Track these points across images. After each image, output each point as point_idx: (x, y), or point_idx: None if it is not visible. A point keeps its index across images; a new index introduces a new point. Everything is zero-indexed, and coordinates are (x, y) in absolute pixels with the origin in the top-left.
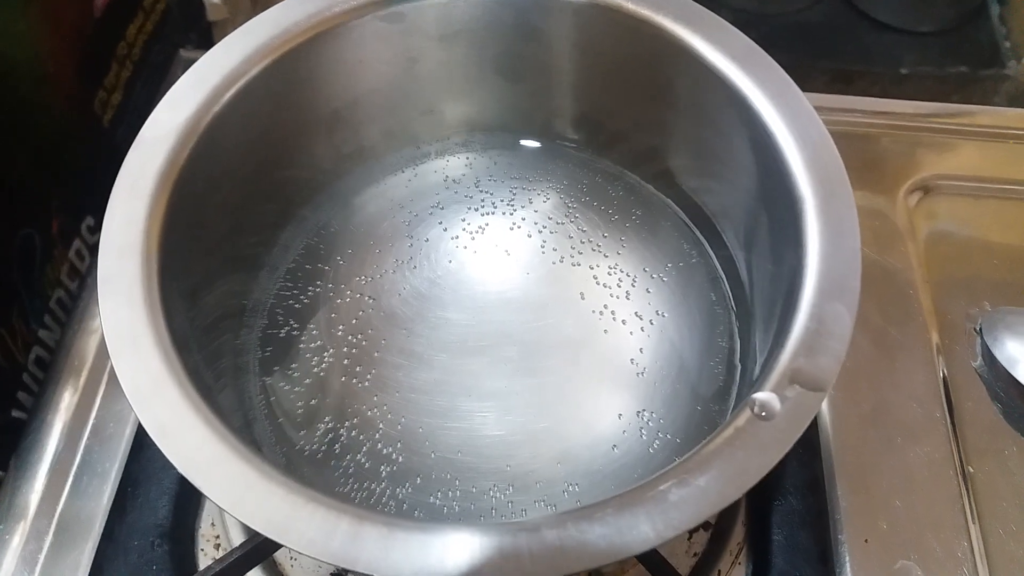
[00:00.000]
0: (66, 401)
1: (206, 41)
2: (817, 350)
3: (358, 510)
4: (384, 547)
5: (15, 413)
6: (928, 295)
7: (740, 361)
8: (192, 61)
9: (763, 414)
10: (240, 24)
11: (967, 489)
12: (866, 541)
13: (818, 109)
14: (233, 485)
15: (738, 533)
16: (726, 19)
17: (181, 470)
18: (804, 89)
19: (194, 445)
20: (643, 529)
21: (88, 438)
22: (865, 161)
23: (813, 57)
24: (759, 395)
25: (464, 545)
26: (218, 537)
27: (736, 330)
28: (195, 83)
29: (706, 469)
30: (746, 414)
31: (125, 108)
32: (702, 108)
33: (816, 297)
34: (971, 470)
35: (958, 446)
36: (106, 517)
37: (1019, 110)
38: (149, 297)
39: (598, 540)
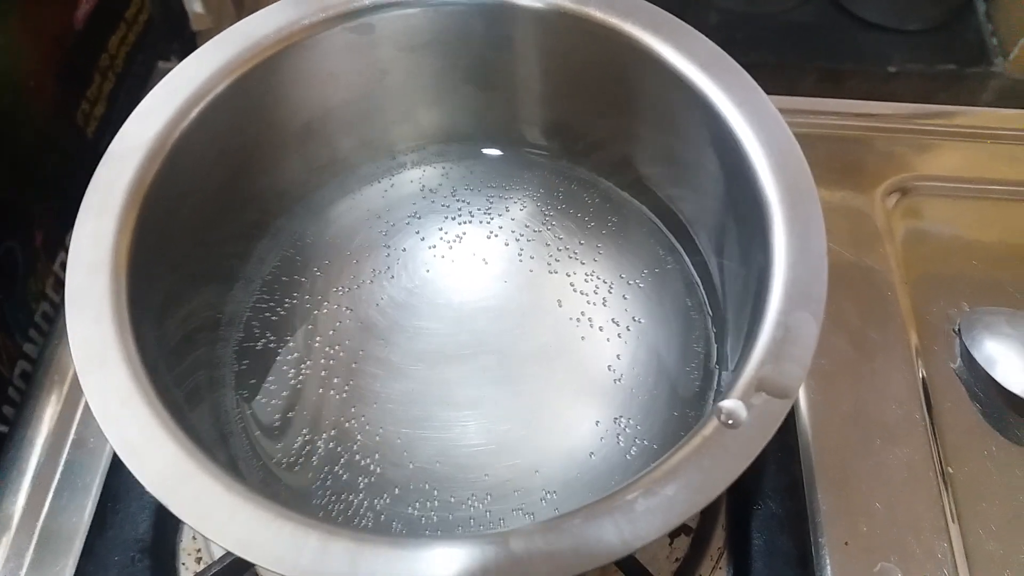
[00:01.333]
0: (48, 415)
1: (189, 52)
2: (783, 358)
3: (326, 525)
4: (352, 562)
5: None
6: (907, 296)
7: (716, 366)
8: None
9: (730, 422)
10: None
11: (947, 490)
12: (846, 543)
13: (798, 111)
14: (201, 502)
15: (718, 537)
16: (713, 20)
17: (149, 488)
18: (793, 90)
19: (162, 463)
20: (610, 540)
21: (69, 452)
22: (844, 163)
23: (801, 57)
24: (726, 403)
25: (432, 559)
26: (199, 551)
27: (712, 335)
28: (164, 97)
29: (673, 478)
30: (713, 423)
31: (108, 119)
32: (670, 115)
33: (782, 304)
34: (951, 471)
35: (937, 447)
36: (87, 532)
37: (996, 110)
38: (118, 314)
39: (566, 551)
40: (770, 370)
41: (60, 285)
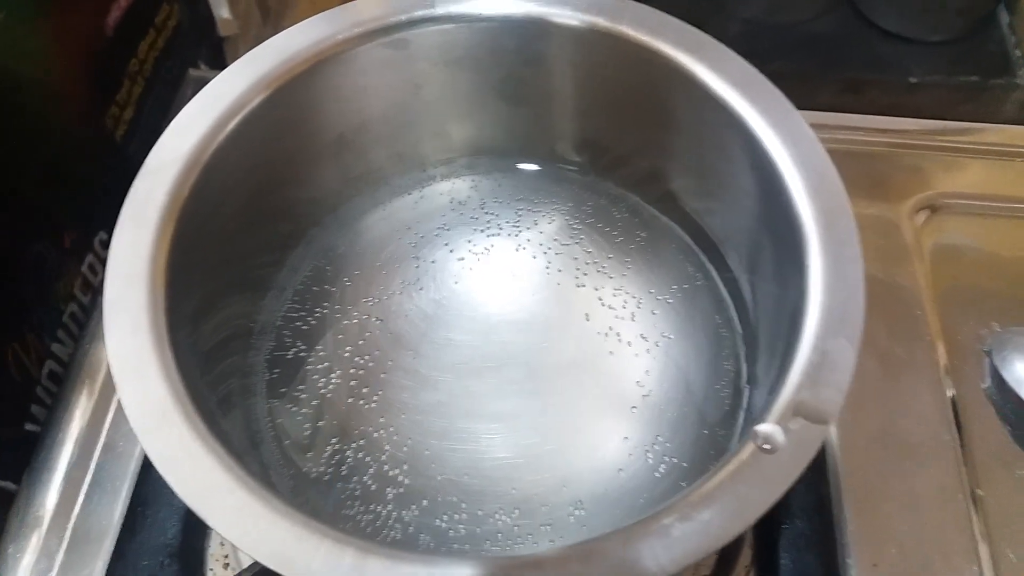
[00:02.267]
0: (79, 416)
1: (217, 56)
2: (820, 382)
3: (362, 542)
4: None
5: (29, 427)
6: (936, 315)
7: (746, 384)
8: (202, 80)
9: (767, 447)
10: (251, 39)
11: (976, 512)
12: (874, 565)
13: (824, 127)
14: (238, 516)
15: (745, 556)
16: (735, 30)
17: (186, 501)
18: (813, 100)
19: (200, 476)
20: (646, 565)
21: (99, 455)
22: (872, 179)
23: (822, 67)
24: (762, 427)
25: None
26: (227, 557)
27: (742, 353)
28: (200, 111)
29: (709, 503)
30: (750, 447)
31: (137, 124)
32: (703, 133)
33: (819, 328)
34: (980, 493)
35: (967, 469)
36: (117, 536)
37: None
38: (155, 325)
39: None
40: (807, 395)
41: (88, 287)
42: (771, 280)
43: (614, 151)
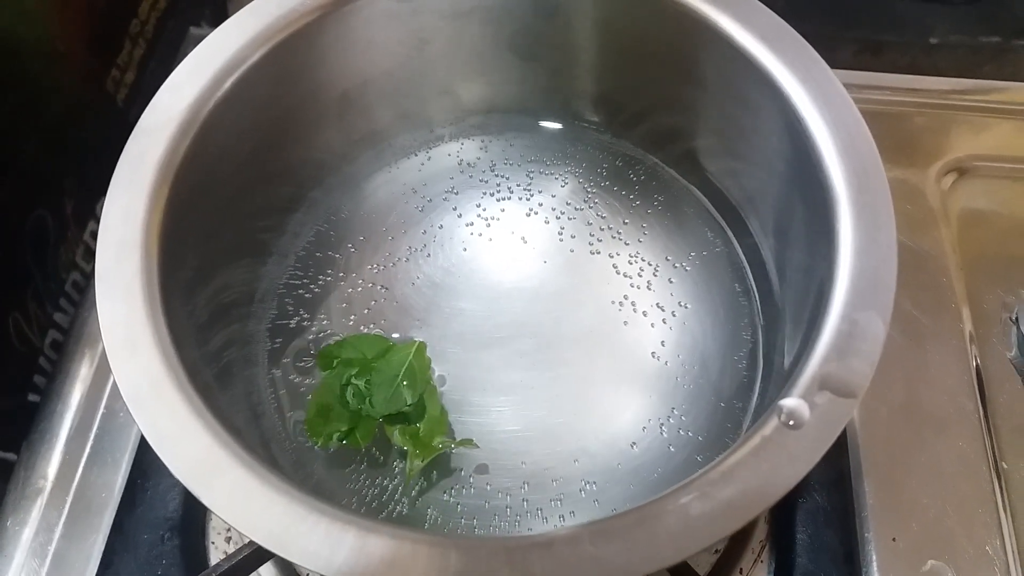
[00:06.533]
0: (78, 386)
1: (220, 17)
2: (849, 353)
3: (364, 521)
4: (391, 562)
5: (31, 397)
6: (962, 282)
7: (764, 356)
8: (203, 39)
9: (791, 423)
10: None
11: (1000, 485)
12: (894, 540)
13: (845, 86)
14: (234, 495)
15: (761, 530)
16: None
17: (182, 480)
18: (831, 60)
19: (196, 453)
20: (662, 546)
21: (99, 425)
22: (896, 141)
23: (840, 27)
24: (787, 402)
25: (475, 561)
26: (229, 530)
27: (761, 323)
28: (197, 67)
29: (730, 481)
30: (773, 422)
31: (139, 87)
32: (728, 89)
33: (849, 297)
34: (1005, 466)
35: (992, 441)
36: (116, 509)
37: None
38: (149, 296)
39: (614, 557)
40: (834, 367)
41: (90, 254)
42: (796, 245)
43: (632, 108)
